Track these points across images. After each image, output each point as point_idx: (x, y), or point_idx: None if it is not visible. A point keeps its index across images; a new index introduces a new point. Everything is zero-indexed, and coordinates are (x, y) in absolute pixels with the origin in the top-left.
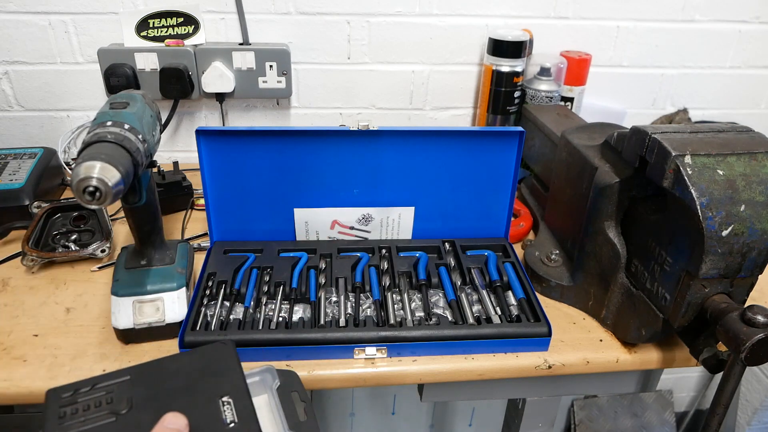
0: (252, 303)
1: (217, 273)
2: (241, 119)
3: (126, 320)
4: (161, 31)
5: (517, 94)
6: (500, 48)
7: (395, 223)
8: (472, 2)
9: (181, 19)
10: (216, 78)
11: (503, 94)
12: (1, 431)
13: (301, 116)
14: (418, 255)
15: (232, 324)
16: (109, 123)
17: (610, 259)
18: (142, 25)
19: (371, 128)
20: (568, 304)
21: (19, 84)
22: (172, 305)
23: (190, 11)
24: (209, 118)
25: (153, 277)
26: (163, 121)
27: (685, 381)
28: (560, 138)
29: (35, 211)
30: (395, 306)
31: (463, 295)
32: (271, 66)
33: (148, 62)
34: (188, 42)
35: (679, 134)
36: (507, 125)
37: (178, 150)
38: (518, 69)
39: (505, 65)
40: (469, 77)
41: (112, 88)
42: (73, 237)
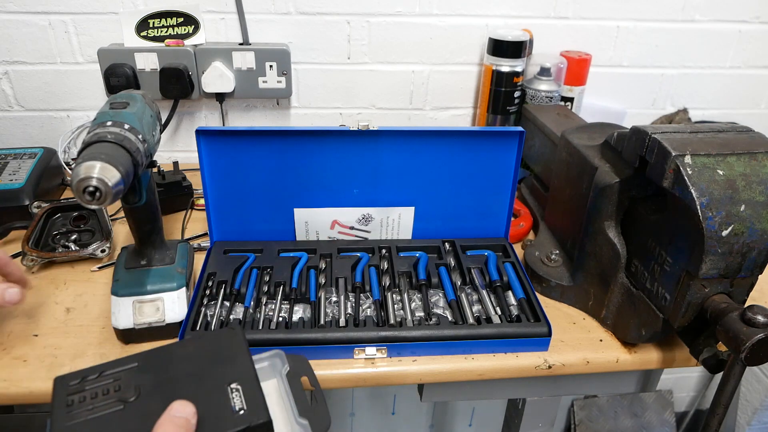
0: (252, 303)
1: (217, 273)
2: (241, 119)
3: (126, 320)
4: (161, 31)
5: (517, 94)
6: (500, 48)
7: (395, 223)
8: (472, 2)
9: (181, 19)
10: (216, 78)
11: (503, 94)
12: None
13: (301, 116)
14: (418, 255)
15: (232, 324)
16: (109, 123)
17: (610, 259)
18: (142, 25)
19: (371, 128)
20: (568, 304)
21: (19, 84)
22: (172, 305)
23: (190, 11)
24: (209, 118)
25: (153, 277)
26: (163, 121)
27: (685, 381)
28: (560, 138)
29: (35, 211)
30: (395, 306)
31: (463, 295)
32: (271, 66)
33: (148, 62)
34: (188, 42)
35: (679, 134)
36: (507, 125)
37: (178, 150)
38: (518, 69)
39: (505, 65)
40: (469, 77)
41: (112, 88)
42: (73, 237)
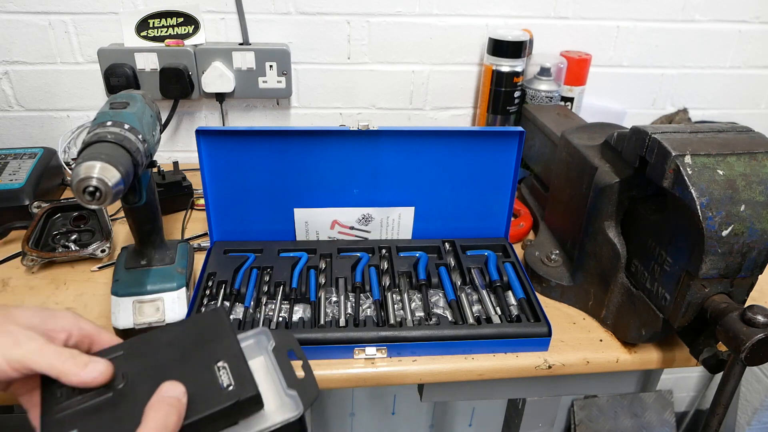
0: (252, 303)
1: (217, 273)
2: (241, 119)
3: (126, 320)
4: (161, 31)
5: (517, 94)
6: (500, 48)
7: (395, 223)
8: (472, 2)
9: (181, 19)
10: (216, 78)
11: (503, 94)
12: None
13: (301, 116)
14: (418, 255)
15: (232, 324)
16: (109, 123)
17: (610, 259)
18: (142, 25)
19: (371, 128)
20: (568, 304)
21: (19, 84)
22: (172, 305)
23: (190, 11)
24: (209, 118)
25: (153, 277)
26: (163, 121)
27: (685, 381)
28: (560, 138)
29: (35, 211)
30: (395, 306)
31: (463, 295)
32: (271, 66)
33: (148, 62)
34: (188, 42)
35: (679, 134)
36: (507, 125)
37: (178, 150)
38: (518, 69)
39: (505, 65)
40: (469, 77)
41: (112, 88)
42: (73, 237)
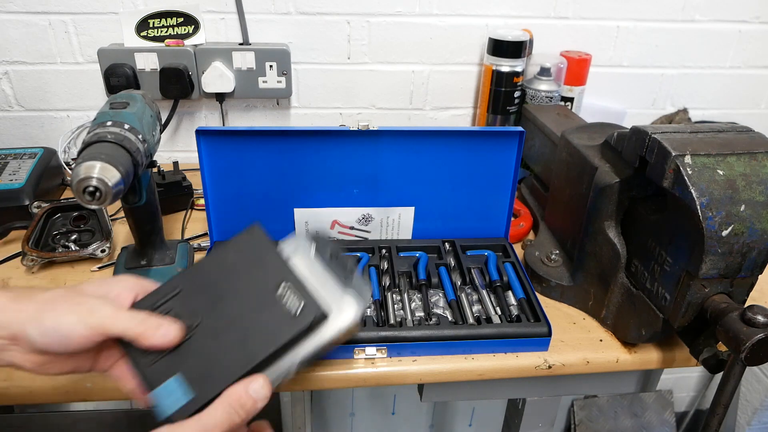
0: None
1: None
2: (241, 119)
3: None
4: (161, 31)
5: (517, 94)
6: (500, 48)
7: (395, 223)
8: (472, 2)
9: (181, 19)
10: (216, 78)
11: (503, 94)
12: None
13: (301, 116)
14: (418, 255)
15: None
16: (109, 123)
17: (610, 259)
18: (142, 25)
19: (371, 128)
20: (568, 304)
21: (19, 84)
22: None
23: (190, 11)
24: (209, 118)
25: (153, 277)
26: (163, 121)
27: (685, 381)
28: (560, 138)
29: (35, 211)
30: (395, 306)
31: (463, 295)
32: (271, 66)
33: (148, 62)
34: (188, 42)
35: (679, 134)
36: (507, 125)
37: (178, 150)
38: (518, 69)
39: (505, 65)
40: (469, 77)
41: (112, 88)
42: (73, 237)
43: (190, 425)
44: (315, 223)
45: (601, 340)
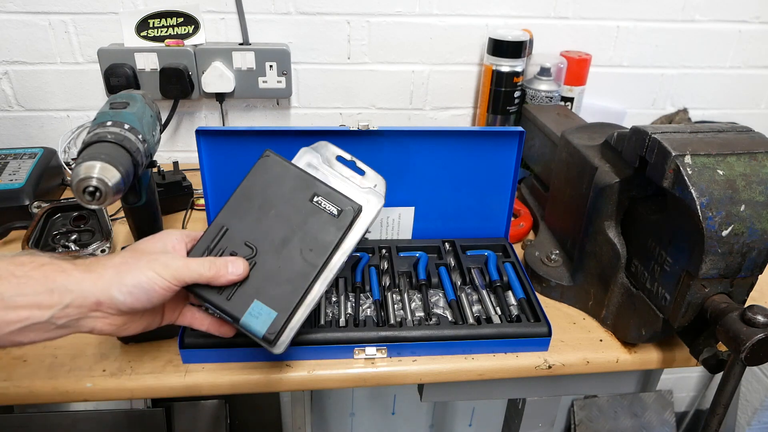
0: None
1: None
2: (241, 119)
3: None
4: (161, 31)
5: (517, 94)
6: (500, 48)
7: (395, 223)
8: (472, 2)
9: (181, 19)
10: (216, 78)
11: (503, 94)
12: (1, 431)
13: (301, 116)
14: (418, 255)
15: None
16: (109, 123)
17: (610, 259)
18: (142, 25)
19: (371, 128)
20: (568, 304)
21: (19, 84)
22: None
23: (190, 11)
24: (209, 118)
25: None
26: (163, 121)
27: (685, 381)
28: (560, 138)
29: (35, 211)
30: (395, 306)
31: (463, 295)
32: (271, 66)
33: (148, 62)
34: (188, 42)
35: (679, 134)
36: (507, 125)
37: (178, 150)
38: (518, 69)
39: (505, 65)
40: (469, 77)
41: (112, 88)
42: (73, 237)
43: None
44: None
45: (601, 340)
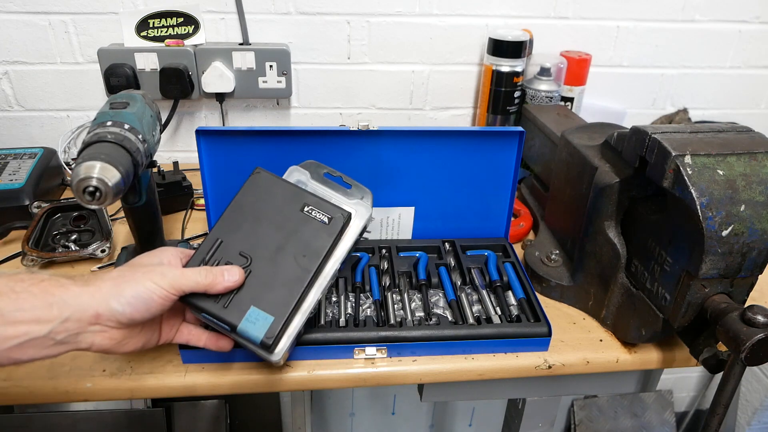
0: None
1: None
2: (241, 119)
3: None
4: (161, 31)
5: (517, 94)
6: (500, 48)
7: (395, 223)
8: (472, 2)
9: (181, 19)
10: (216, 78)
11: (503, 94)
12: (1, 431)
13: (301, 116)
14: (418, 255)
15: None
16: (109, 123)
17: (610, 259)
18: (142, 25)
19: (371, 128)
20: (568, 304)
21: (19, 84)
22: None
23: (190, 11)
24: (209, 118)
25: None
26: (163, 121)
27: (685, 381)
28: (560, 138)
29: (35, 211)
30: (395, 306)
31: (463, 295)
32: (271, 66)
33: (148, 62)
34: (188, 42)
35: (679, 134)
36: (507, 125)
37: (178, 150)
38: (518, 69)
39: (505, 65)
40: (469, 77)
41: (112, 88)
42: (73, 237)
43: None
44: None
45: (601, 340)
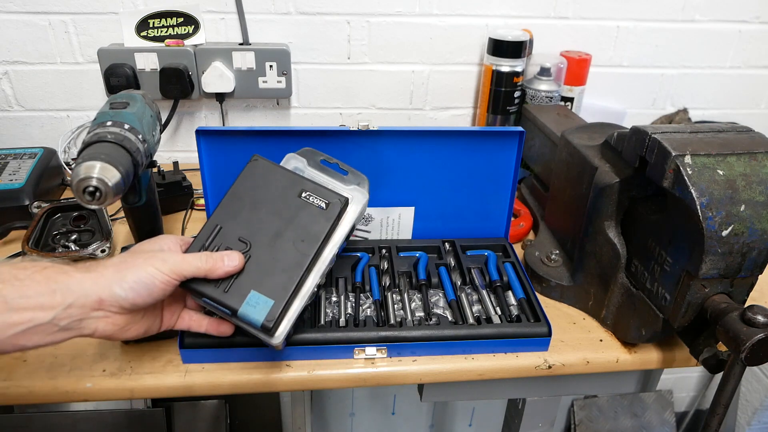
0: None
1: None
2: (241, 119)
3: None
4: (161, 31)
5: (517, 94)
6: (500, 48)
7: (395, 223)
8: (472, 2)
9: (181, 19)
10: (216, 78)
11: (503, 94)
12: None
13: (301, 116)
14: (418, 255)
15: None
16: (109, 123)
17: (610, 259)
18: (142, 25)
19: (371, 128)
20: (568, 304)
21: (19, 84)
22: None
23: (190, 11)
24: (209, 118)
25: None
26: (163, 121)
27: (685, 381)
28: (560, 138)
29: (35, 211)
30: (395, 306)
31: (463, 295)
32: (271, 66)
33: (148, 62)
34: (188, 42)
35: (679, 134)
36: (507, 125)
37: (178, 150)
38: (518, 69)
39: (505, 65)
40: (469, 77)
41: (112, 88)
42: (73, 237)
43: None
44: None
45: (601, 340)
